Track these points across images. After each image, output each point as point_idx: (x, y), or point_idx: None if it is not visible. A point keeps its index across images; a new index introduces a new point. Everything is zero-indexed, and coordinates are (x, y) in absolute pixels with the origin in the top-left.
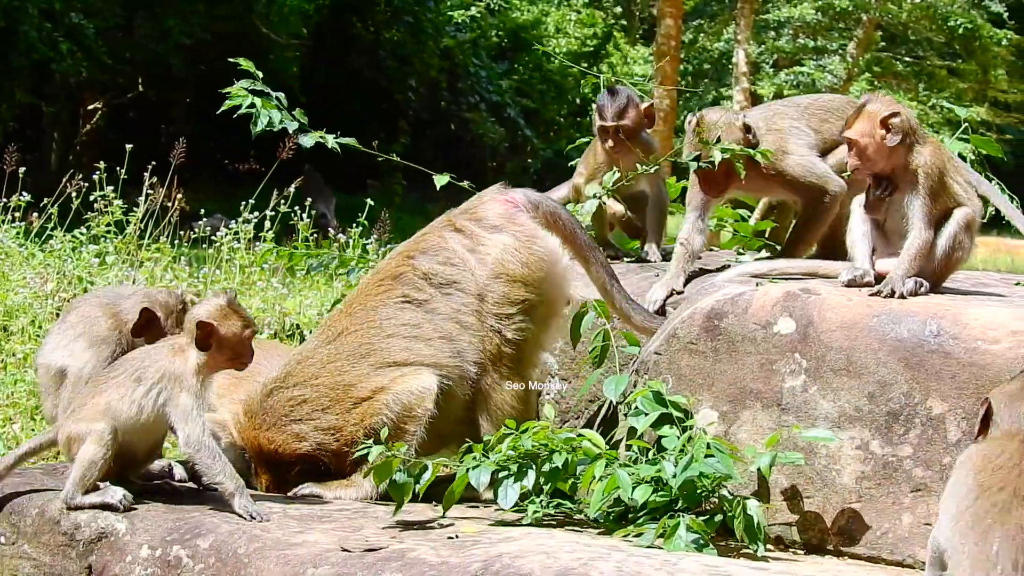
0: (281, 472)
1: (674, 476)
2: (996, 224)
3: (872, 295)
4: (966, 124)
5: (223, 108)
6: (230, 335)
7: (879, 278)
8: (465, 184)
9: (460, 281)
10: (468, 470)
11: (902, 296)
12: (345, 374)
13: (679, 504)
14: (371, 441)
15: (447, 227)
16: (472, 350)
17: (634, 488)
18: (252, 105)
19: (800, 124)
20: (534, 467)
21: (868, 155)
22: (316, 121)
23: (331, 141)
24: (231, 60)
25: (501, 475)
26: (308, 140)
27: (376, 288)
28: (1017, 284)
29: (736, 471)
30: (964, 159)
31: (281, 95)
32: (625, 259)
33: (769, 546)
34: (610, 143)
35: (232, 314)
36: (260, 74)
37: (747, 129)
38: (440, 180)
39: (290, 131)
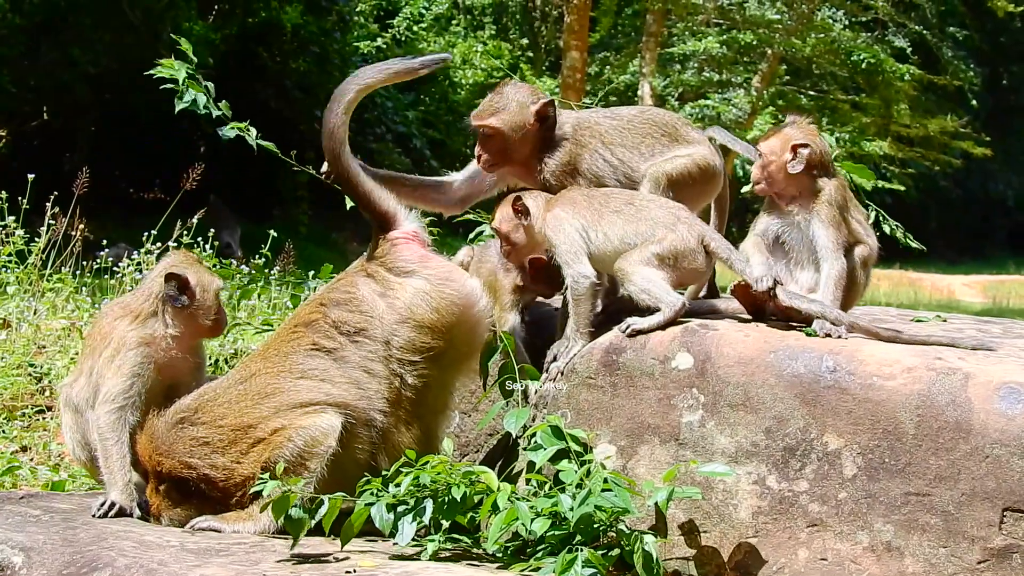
0: (173, 484)
1: (571, 510)
2: (899, 257)
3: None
4: (839, 151)
5: (151, 72)
6: None
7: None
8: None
9: (368, 328)
10: (367, 505)
11: (839, 336)
12: (246, 415)
13: (576, 538)
14: (267, 475)
15: (360, 273)
16: (379, 397)
17: (532, 521)
18: (181, 85)
19: (605, 148)
20: (432, 501)
21: (770, 173)
22: (223, 148)
23: (252, 137)
24: (173, 36)
25: (400, 510)
26: (230, 132)
27: (290, 335)
28: (915, 320)
29: (633, 505)
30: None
31: (211, 84)
32: None
33: None
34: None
35: None
36: (196, 60)
37: (541, 119)
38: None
39: (213, 115)
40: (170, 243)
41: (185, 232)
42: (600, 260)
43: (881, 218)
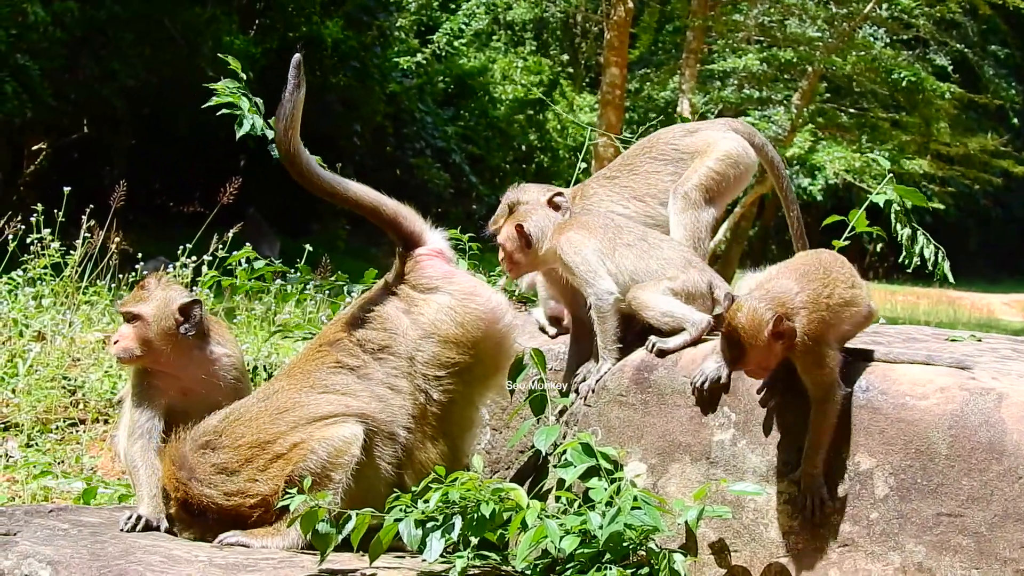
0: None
1: (600, 528)
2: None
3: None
4: (890, 175)
5: (209, 103)
6: None
7: None
8: None
9: (392, 345)
10: (396, 520)
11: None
12: (264, 431)
13: (606, 556)
14: (295, 490)
15: (384, 290)
16: (403, 413)
17: (562, 539)
18: (236, 106)
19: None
20: (461, 518)
21: (767, 366)
22: (262, 162)
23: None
24: (220, 56)
25: (428, 526)
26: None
27: (315, 353)
28: (951, 340)
29: (664, 523)
30: (890, 206)
31: (259, 100)
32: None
33: None
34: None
35: None
36: (244, 76)
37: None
38: None
39: (268, 139)
40: (206, 256)
41: (222, 246)
42: None
43: (926, 240)
